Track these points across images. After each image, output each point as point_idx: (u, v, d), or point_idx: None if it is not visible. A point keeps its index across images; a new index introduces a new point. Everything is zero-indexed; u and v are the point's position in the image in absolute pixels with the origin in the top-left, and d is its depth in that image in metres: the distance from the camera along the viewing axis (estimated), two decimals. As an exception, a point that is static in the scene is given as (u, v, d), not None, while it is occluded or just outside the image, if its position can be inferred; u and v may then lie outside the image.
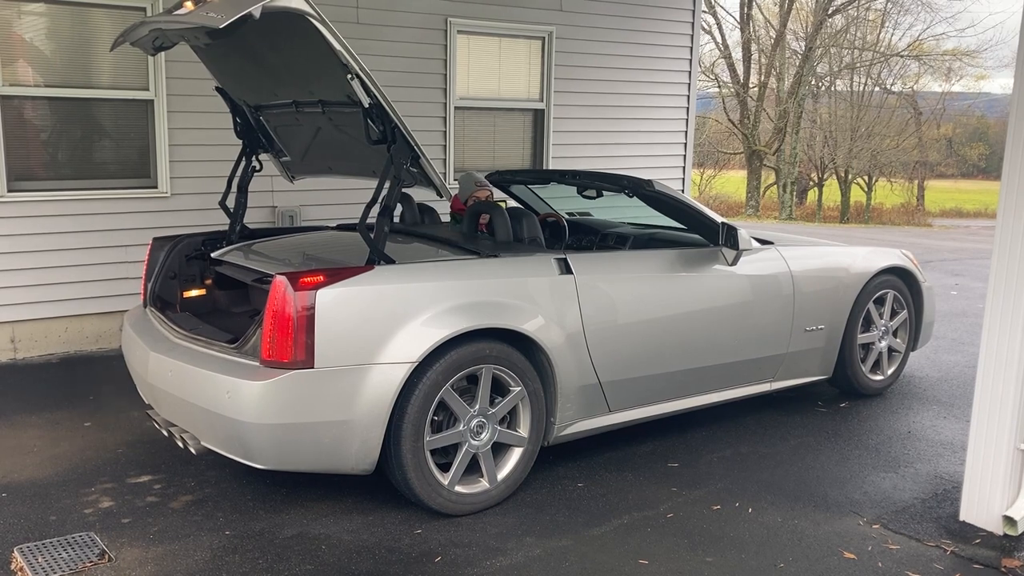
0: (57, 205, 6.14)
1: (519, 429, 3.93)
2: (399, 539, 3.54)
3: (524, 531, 3.63)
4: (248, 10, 3.00)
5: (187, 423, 3.69)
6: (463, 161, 7.84)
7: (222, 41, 3.56)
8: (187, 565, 3.30)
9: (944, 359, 6.56)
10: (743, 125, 29.74)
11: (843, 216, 30.50)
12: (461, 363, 3.66)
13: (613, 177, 4.76)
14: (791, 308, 4.91)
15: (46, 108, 6.08)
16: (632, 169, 8.17)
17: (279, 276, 3.42)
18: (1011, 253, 3.55)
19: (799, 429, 4.96)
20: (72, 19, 6.05)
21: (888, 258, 5.46)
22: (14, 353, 6.17)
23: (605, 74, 8.48)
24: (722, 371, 4.68)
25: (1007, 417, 3.61)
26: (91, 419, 4.91)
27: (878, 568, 3.39)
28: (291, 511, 3.78)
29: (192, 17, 3.21)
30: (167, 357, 3.78)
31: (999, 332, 3.61)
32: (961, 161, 38.93)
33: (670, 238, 5.10)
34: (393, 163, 3.62)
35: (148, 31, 3.58)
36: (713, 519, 3.78)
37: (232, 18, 3.00)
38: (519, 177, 5.58)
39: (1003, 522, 3.67)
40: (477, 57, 7.80)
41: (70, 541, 3.46)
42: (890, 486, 4.18)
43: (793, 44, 30.39)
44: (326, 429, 3.45)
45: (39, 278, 6.15)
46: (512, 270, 3.92)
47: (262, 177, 6.80)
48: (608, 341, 4.13)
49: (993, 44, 64.82)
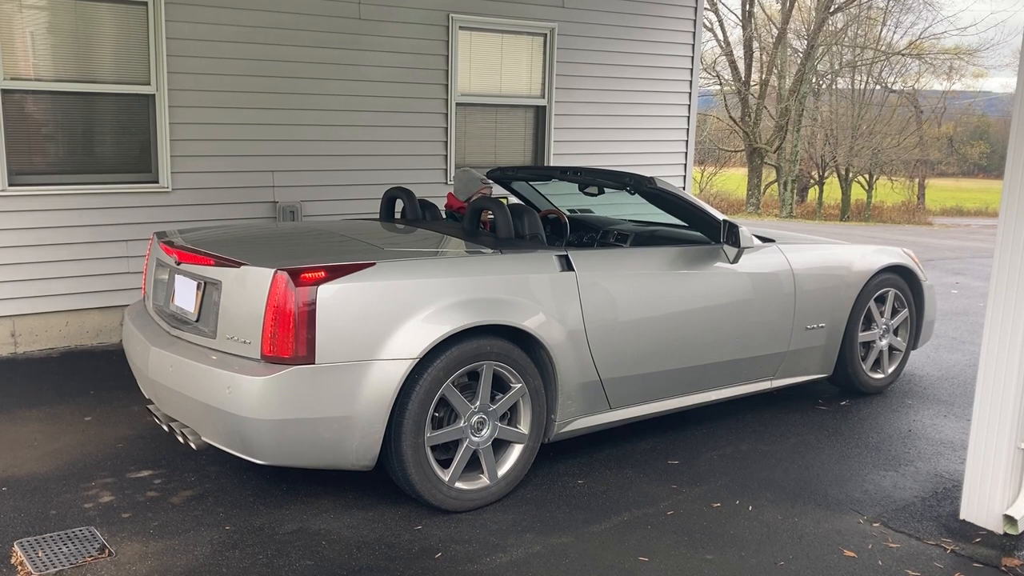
0: (58, 199, 6.14)
1: (520, 426, 3.93)
2: (399, 535, 3.54)
3: (524, 528, 3.64)
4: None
5: (188, 418, 3.69)
6: (464, 157, 7.84)
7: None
8: (187, 560, 3.30)
9: (945, 358, 6.56)
10: (744, 123, 29.73)
11: (844, 214, 30.49)
12: (462, 359, 3.66)
13: (614, 174, 4.75)
14: (792, 306, 4.91)
15: (47, 102, 6.07)
16: (633, 166, 8.17)
17: (280, 271, 3.41)
18: (1013, 252, 3.54)
19: (799, 427, 4.96)
20: (73, 13, 6.04)
21: (889, 256, 5.46)
22: (15, 347, 6.17)
23: (607, 71, 8.47)
24: (723, 369, 4.67)
25: (1008, 416, 3.61)
26: (91, 414, 4.91)
27: (878, 566, 3.39)
28: (291, 506, 3.78)
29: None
30: (168, 352, 3.77)
31: (1000, 331, 3.61)
32: (962, 160, 38.90)
33: (671, 235, 5.10)
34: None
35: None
36: (713, 517, 3.78)
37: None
38: (520, 174, 5.57)
39: (1003, 521, 3.67)
40: (479, 53, 7.79)
41: (70, 535, 3.47)
42: (890, 484, 4.18)
43: (794, 42, 30.41)
44: (326, 425, 3.44)
45: (40, 272, 6.15)
46: (513, 267, 3.92)
47: (263, 172, 6.83)
48: (609, 338, 4.13)
49: (994, 43, 64.81)
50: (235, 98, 6.65)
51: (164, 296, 4.09)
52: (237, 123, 6.69)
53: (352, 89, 7.12)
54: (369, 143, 7.28)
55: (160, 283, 4.17)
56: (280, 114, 6.85)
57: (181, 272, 3.92)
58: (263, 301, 3.43)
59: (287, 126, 6.89)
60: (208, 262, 3.74)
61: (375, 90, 7.22)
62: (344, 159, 7.18)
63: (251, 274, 3.52)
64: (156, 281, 4.22)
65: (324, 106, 7.02)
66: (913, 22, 52.01)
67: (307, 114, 6.96)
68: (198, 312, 3.75)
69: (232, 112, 6.66)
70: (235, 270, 3.59)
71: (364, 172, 7.26)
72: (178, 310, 3.91)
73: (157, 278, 4.21)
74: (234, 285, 3.58)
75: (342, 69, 7.04)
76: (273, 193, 6.90)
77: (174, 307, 3.95)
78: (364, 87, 7.17)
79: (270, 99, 6.79)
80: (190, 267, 3.84)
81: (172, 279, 4.02)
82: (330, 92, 7.03)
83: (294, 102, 6.89)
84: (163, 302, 4.09)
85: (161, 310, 4.10)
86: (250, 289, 3.50)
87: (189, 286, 3.85)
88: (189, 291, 3.84)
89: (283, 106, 6.85)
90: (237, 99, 6.66)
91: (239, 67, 6.62)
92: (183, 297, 3.89)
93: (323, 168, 7.08)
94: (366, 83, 7.18)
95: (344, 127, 7.14)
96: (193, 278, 3.82)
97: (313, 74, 6.93)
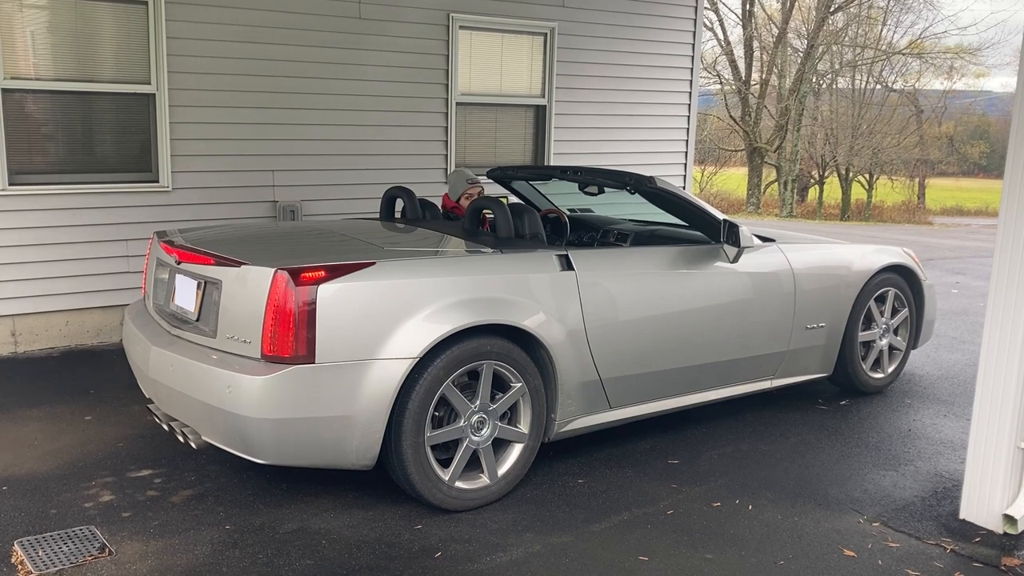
0: (58, 199, 6.14)
1: (520, 425, 3.93)
2: (399, 534, 3.54)
3: (524, 527, 3.64)
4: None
5: (188, 417, 3.69)
6: (464, 157, 7.84)
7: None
8: (187, 559, 3.31)
9: (945, 357, 6.56)
10: (744, 122, 29.71)
11: (844, 214, 30.48)
12: (462, 359, 3.66)
13: (615, 173, 4.75)
14: (792, 305, 4.91)
15: (47, 102, 6.07)
16: (634, 165, 8.17)
17: (280, 271, 3.41)
18: (1013, 251, 3.54)
19: (799, 426, 4.96)
20: (74, 12, 6.04)
21: (889, 256, 5.46)
22: (15, 347, 6.17)
23: (607, 70, 8.47)
24: (723, 368, 4.68)
25: (1008, 415, 3.61)
26: (92, 413, 4.91)
27: (878, 566, 3.39)
28: (291, 506, 3.78)
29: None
30: (168, 351, 3.77)
31: (1000, 330, 3.61)
32: (962, 159, 38.90)
33: (671, 235, 5.10)
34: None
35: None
36: (713, 516, 3.78)
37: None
38: (520, 173, 5.57)
39: (1003, 520, 3.67)
40: (479, 53, 7.79)
41: (71, 534, 3.47)
42: (890, 484, 4.18)
43: (795, 41, 30.39)
44: (327, 424, 3.45)
45: (40, 272, 6.15)
46: (513, 266, 3.92)
47: (264, 172, 6.83)
48: (609, 338, 4.13)
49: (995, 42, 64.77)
50: (235, 97, 6.65)
51: (164, 295, 4.09)
52: (237, 122, 6.69)
53: (352, 89, 7.12)
54: (369, 143, 7.28)
55: (160, 282, 4.17)
56: (280, 113, 6.85)
57: (181, 272, 3.92)
58: (263, 300, 3.43)
59: (287, 125, 6.89)
60: (208, 261, 3.74)
61: (375, 90, 7.22)
62: (344, 159, 7.18)
63: (251, 273, 3.52)
64: (156, 280, 4.22)
65: (324, 105, 7.02)
66: (913, 21, 52.03)
67: (307, 113, 6.96)
68: (198, 311, 3.75)
69: (232, 111, 6.66)
70: (235, 269, 3.59)
71: (364, 172, 7.26)
72: (178, 309, 3.91)
73: (157, 277, 4.22)
74: (234, 284, 3.58)
75: (343, 68, 7.04)
76: (273, 192, 6.90)
77: (174, 306, 3.96)
78: (365, 87, 7.17)
79: (270, 99, 6.79)
80: (190, 267, 3.84)
81: (172, 278, 4.02)
82: (330, 92, 7.03)
83: (294, 101, 6.89)
84: (163, 301, 4.09)
85: (161, 309, 4.11)
86: (250, 288, 3.50)
87: (189, 286, 3.85)
88: (189, 290, 3.84)
89: (284, 105, 6.85)
90: (237, 98, 6.66)
91: (239, 66, 6.62)
92: (183, 297, 3.89)
93: (323, 168, 7.08)
94: (367, 83, 7.18)
95: (344, 127, 7.14)
96: (193, 277, 3.82)
97: (313, 74, 6.93)
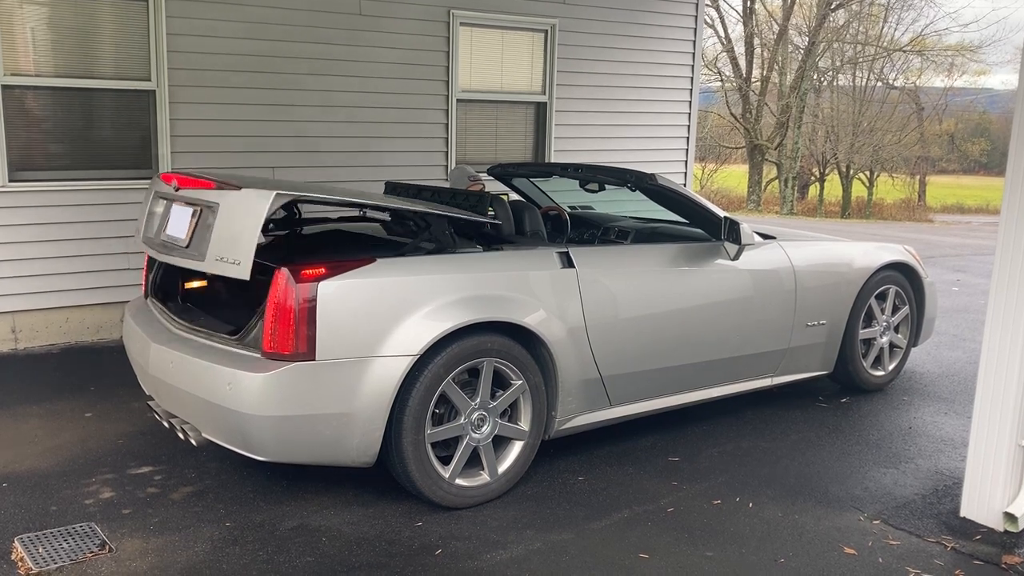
0: (58, 195, 6.13)
1: (520, 422, 3.93)
2: (400, 531, 3.54)
3: (524, 524, 3.64)
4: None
5: (188, 414, 3.69)
6: (465, 154, 7.83)
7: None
8: (187, 556, 3.30)
9: (945, 355, 6.56)
10: (745, 119, 29.69)
11: (844, 211, 30.46)
12: (463, 356, 3.65)
13: (616, 170, 4.75)
14: (793, 303, 4.90)
15: (48, 98, 6.07)
16: (634, 163, 8.16)
17: (281, 268, 3.41)
18: (1014, 249, 3.54)
19: (800, 424, 4.96)
20: (74, 9, 6.03)
21: (890, 254, 5.46)
22: (15, 343, 6.17)
23: (608, 67, 8.46)
24: (723, 366, 4.67)
25: (1008, 413, 3.61)
26: (92, 410, 4.91)
27: (878, 564, 3.39)
28: (292, 503, 3.78)
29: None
30: (168, 348, 3.77)
31: (1001, 328, 3.60)
32: (963, 157, 38.89)
33: (672, 232, 5.09)
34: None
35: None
36: (713, 514, 3.78)
37: None
38: (521, 170, 5.56)
39: (1004, 518, 3.67)
40: (480, 50, 7.78)
41: (71, 531, 3.47)
42: (891, 482, 4.18)
43: (796, 38, 30.36)
44: (327, 421, 3.44)
45: (40, 268, 6.15)
46: (514, 263, 3.92)
47: (264, 168, 6.82)
48: (610, 335, 4.13)
49: (996, 39, 64.72)
50: (235, 94, 6.64)
51: (156, 227, 4.01)
52: (237, 119, 6.68)
53: (353, 85, 7.11)
54: (370, 139, 7.27)
55: (154, 215, 4.09)
56: (280, 110, 6.84)
57: (178, 199, 3.84)
58: (258, 225, 3.37)
59: (287, 122, 6.88)
60: (209, 185, 3.66)
61: (376, 86, 7.22)
62: (345, 155, 7.17)
63: (250, 196, 3.44)
64: (150, 214, 4.14)
65: (325, 102, 7.02)
66: (914, 18, 51.94)
67: (308, 110, 6.95)
68: (190, 238, 3.67)
69: (232, 108, 6.65)
70: (235, 192, 3.51)
71: (365, 168, 7.25)
72: (168, 238, 3.84)
73: (152, 211, 4.12)
74: (232, 207, 3.49)
75: (343, 65, 7.03)
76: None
77: (165, 236, 3.88)
78: (365, 83, 7.16)
79: (270, 95, 6.78)
80: (188, 192, 3.76)
81: (168, 210, 3.94)
82: (331, 88, 7.02)
83: (295, 98, 6.88)
84: (154, 233, 4.01)
85: (151, 241, 4.02)
86: (246, 210, 3.42)
87: (184, 214, 3.76)
88: (183, 219, 3.76)
89: (283, 102, 6.84)
90: (237, 95, 6.65)
91: (240, 63, 6.62)
92: (176, 225, 3.81)
93: (324, 164, 7.07)
94: (367, 79, 7.17)
95: (345, 123, 7.14)
96: (190, 204, 3.74)
97: (314, 70, 6.92)
